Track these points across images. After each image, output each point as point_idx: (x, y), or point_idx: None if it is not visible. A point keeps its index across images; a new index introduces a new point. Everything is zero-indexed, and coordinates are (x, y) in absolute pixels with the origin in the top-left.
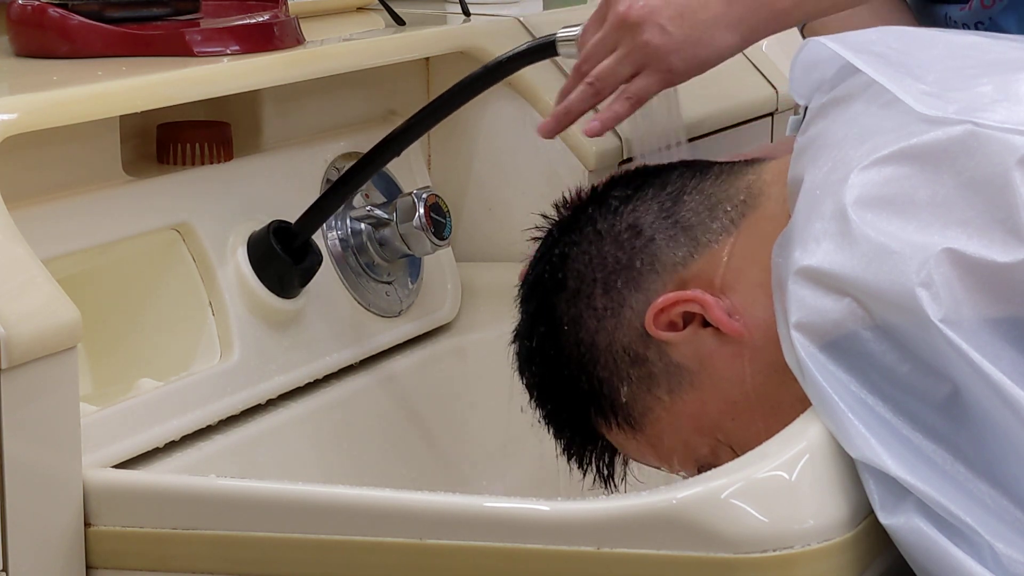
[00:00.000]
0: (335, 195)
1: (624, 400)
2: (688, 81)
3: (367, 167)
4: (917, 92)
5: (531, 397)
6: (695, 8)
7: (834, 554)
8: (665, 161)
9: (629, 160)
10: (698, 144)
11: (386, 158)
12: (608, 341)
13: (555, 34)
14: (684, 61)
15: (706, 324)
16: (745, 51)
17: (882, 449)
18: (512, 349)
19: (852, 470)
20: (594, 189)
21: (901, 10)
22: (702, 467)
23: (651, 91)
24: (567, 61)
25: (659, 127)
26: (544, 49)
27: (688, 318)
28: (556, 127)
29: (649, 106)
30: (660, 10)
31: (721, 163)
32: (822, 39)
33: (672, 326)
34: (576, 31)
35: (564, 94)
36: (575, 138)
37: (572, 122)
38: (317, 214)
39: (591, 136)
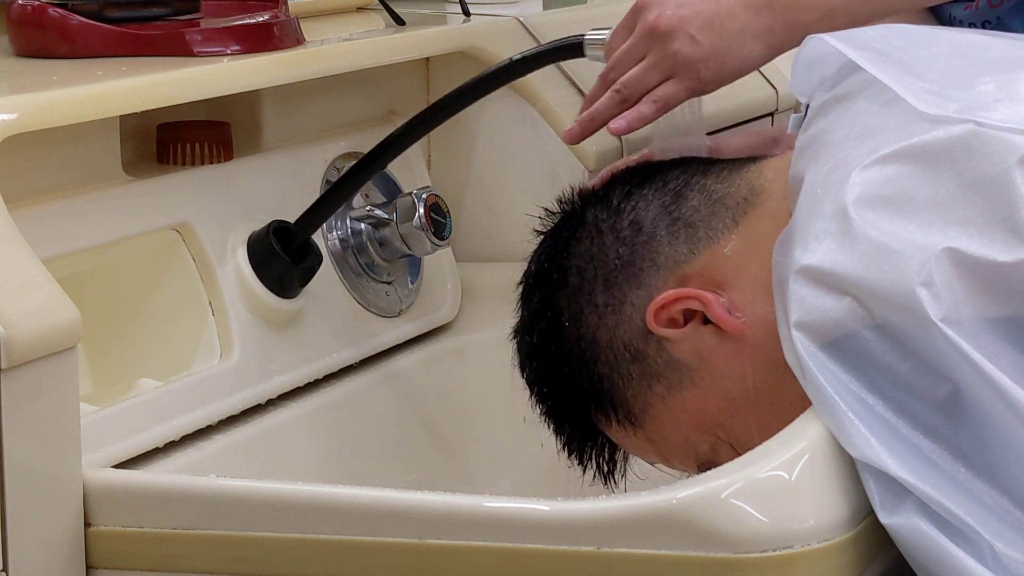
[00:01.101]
0: (335, 195)
1: (624, 397)
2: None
3: (367, 168)
4: (919, 90)
5: (531, 393)
6: (723, 18)
7: (834, 554)
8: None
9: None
10: None
11: (388, 158)
12: (609, 337)
13: (583, 35)
14: (712, 71)
15: (707, 321)
16: None
17: (882, 449)
18: (512, 346)
19: (852, 470)
20: (595, 186)
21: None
22: (702, 464)
23: (678, 98)
24: (567, 63)
25: (679, 133)
26: (571, 48)
27: (689, 315)
28: (582, 133)
29: (672, 113)
30: (690, 20)
31: (722, 161)
32: (824, 36)
33: (673, 323)
34: (604, 34)
35: (591, 101)
36: None
37: (598, 128)
38: (317, 214)
39: (616, 134)
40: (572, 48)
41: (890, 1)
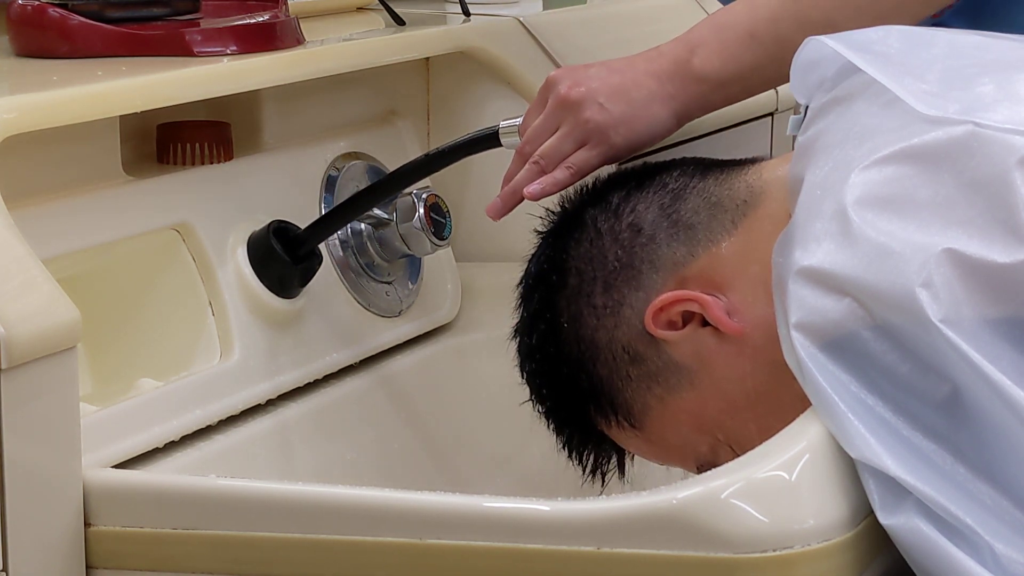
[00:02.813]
0: (344, 213)
1: (623, 398)
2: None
3: (388, 185)
4: (918, 91)
5: (531, 394)
6: (630, 87)
7: (834, 554)
8: None
9: (627, 162)
10: (698, 144)
11: (407, 181)
12: (608, 339)
13: (498, 124)
14: (622, 136)
15: (706, 323)
16: None
17: (882, 449)
18: (512, 346)
19: (852, 470)
20: (594, 187)
21: None
22: (701, 466)
23: (592, 164)
24: (565, 58)
25: None
26: (487, 139)
27: (687, 317)
28: (504, 207)
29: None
30: (598, 90)
31: (721, 162)
32: (823, 38)
33: (671, 325)
34: (517, 120)
35: (509, 177)
36: None
37: (520, 202)
38: (323, 229)
39: (531, 199)
40: (488, 139)
41: (782, 72)
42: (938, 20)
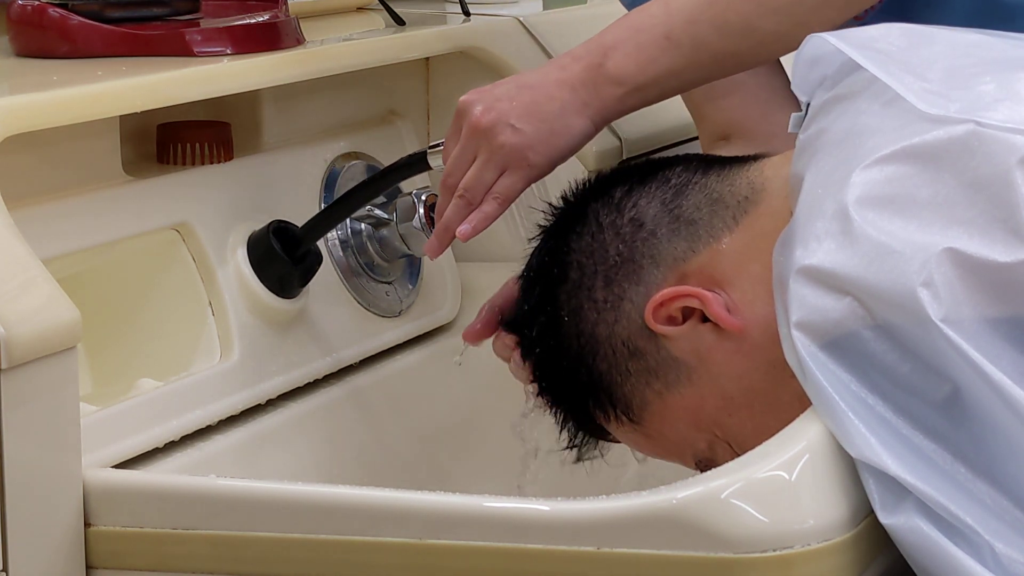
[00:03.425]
0: (341, 209)
1: (622, 393)
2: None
3: (384, 179)
4: (919, 90)
5: (530, 389)
6: (541, 102)
7: (834, 554)
8: None
9: (629, 160)
10: (698, 143)
11: (402, 176)
12: (608, 333)
13: (426, 148)
14: (541, 155)
15: (705, 319)
16: None
17: (882, 449)
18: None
19: (852, 470)
20: (597, 181)
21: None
22: (700, 462)
23: (517, 188)
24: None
25: None
26: (416, 163)
27: (687, 313)
28: (440, 246)
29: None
30: (509, 111)
31: (724, 159)
32: (824, 35)
33: (671, 320)
34: (441, 142)
35: (440, 212)
36: None
37: (454, 236)
38: (321, 226)
39: (464, 240)
40: (417, 163)
41: (698, 75)
42: (862, 22)
